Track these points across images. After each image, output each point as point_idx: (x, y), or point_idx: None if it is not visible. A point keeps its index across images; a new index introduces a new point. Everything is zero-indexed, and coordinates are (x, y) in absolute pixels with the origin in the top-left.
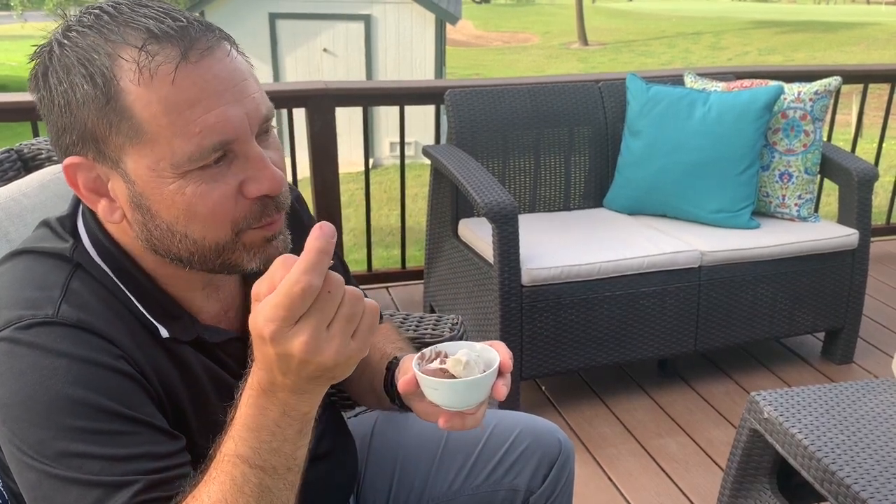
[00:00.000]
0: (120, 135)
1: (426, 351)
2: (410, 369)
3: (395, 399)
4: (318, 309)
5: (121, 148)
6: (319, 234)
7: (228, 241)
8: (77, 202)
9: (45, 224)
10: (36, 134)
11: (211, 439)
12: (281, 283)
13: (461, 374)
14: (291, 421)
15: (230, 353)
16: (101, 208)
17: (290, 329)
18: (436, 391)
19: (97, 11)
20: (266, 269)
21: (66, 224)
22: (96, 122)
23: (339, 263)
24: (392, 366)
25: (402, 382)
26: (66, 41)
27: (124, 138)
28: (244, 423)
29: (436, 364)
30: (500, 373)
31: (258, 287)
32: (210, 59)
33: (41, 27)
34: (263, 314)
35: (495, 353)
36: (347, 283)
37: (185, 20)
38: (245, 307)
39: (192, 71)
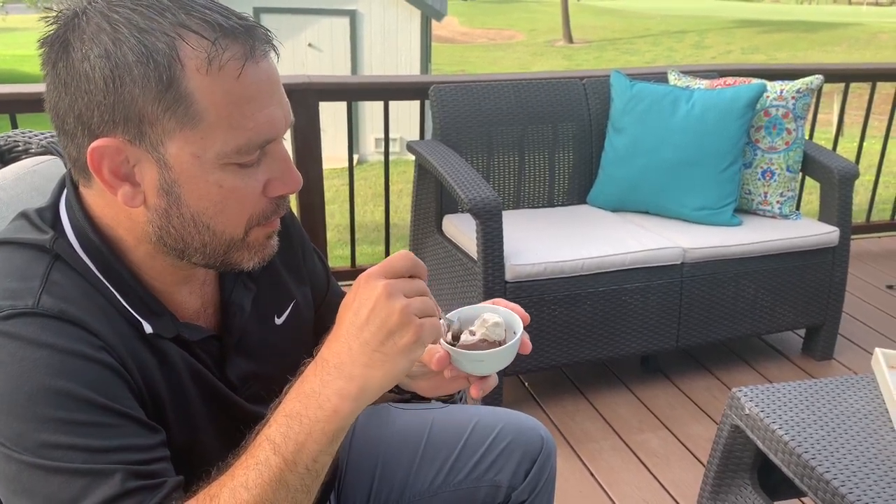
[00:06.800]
0: (173, 119)
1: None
2: (436, 349)
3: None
4: (409, 281)
5: (168, 132)
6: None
7: (239, 238)
8: (59, 193)
9: (23, 216)
10: (14, 126)
11: (189, 433)
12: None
13: (500, 335)
14: (322, 416)
15: (208, 350)
16: (121, 194)
17: (382, 279)
18: (482, 363)
19: None
20: (261, 265)
21: (46, 216)
22: (148, 103)
23: (319, 261)
24: None
25: (436, 362)
26: (115, 15)
27: (176, 123)
28: (283, 407)
29: (471, 338)
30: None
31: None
32: (265, 61)
33: (24, 20)
34: (372, 268)
35: (502, 308)
36: (327, 279)
37: (247, 20)
38: (223, 305)
39: (254, 70)
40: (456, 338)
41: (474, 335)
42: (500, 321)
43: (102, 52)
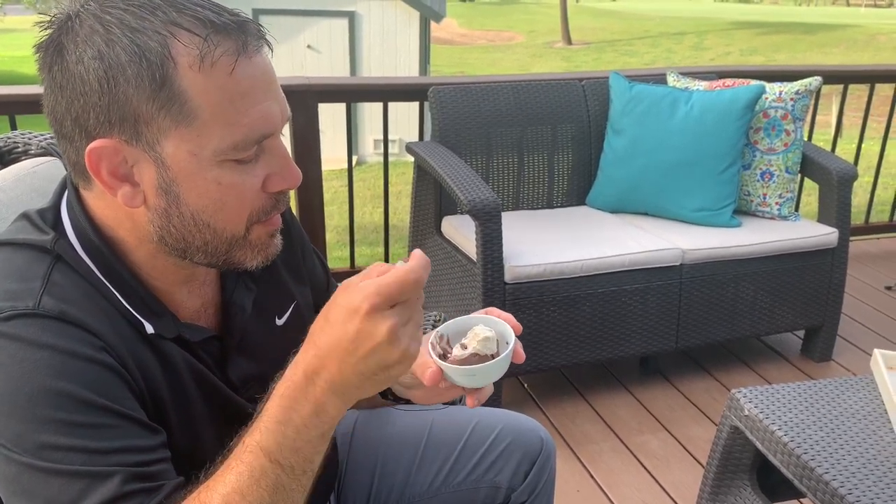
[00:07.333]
0: (168, 117)
1: (432, 341)
2: (428, 364)
3: (387, 395)
4: (409, 306)
5: (164, 131)
6: (420, 254)
7: (240, 235)
8: (60, 194)
9: (25, 216)
10: (14, 127)
11: (190, 434)
12: (394, 270)
13: (492, 349)
14: (318, 422)
15: (209, 351)
16: (121, 194)
17: (386, 310)
18: (474, 377)
19: None
20: (264, 265)
21: (47, 217)
22: (143, 102)
23: (318, 262)
24: None
25: (428, 378)
26: (107, 16)
27: (171, 121)
28: (273, 414)
29: (463, 352)
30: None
31: (352, 279)
32: (259, 55)
33: (22, 21)
34: (365, 291)
35: (492, 318)
36: (327, 280)
37: (239, 16)
38: (224, 306)
39: (247, 65)
40: (447, 351)
41: (466, 349)
42: (492, 335)
43: (96, 53)
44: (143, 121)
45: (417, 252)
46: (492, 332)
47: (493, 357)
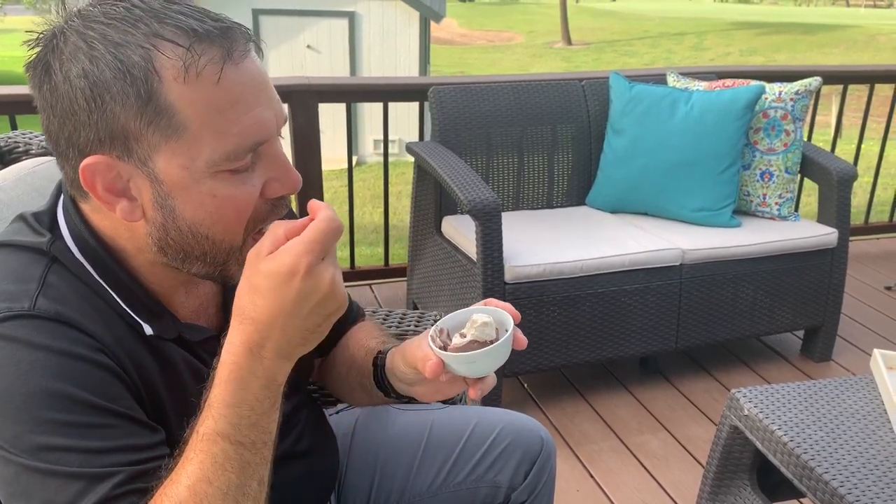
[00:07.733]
0: (157, 132)
1: (432, 334)
2: (429, 356)
3: (390, 392)
4: (334, 253)
5: (154, 146)
6: (319, 202)
7: (237, 245)
8: (56, 197)
9: (21, 219)
10: (14, 127)
11: None
12: (313, 224)
13: (491, 335)
14: (269, 393)
15: (210, 350)
16: (119, 209)
17: (321, 264)
18: (474, 364)
19: (126, 4)
20: None
21: (44, 219)
22: (130, 119)
23: None
24: (379, 360)
25: (429, 370)
26: (90, 32)
27: (161, 136)
28: (223, 399)
29: (461, 340)
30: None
31: (259, 247)
32: (246, 60)
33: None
34: (294, 252)
35: (492, 308)
36: None
37: (223, 21)
38: (223, 305)
39: (234, 72)
40: (447, 344)
41: (465, 337)
42: (490, 320)
43: (80, 71)
44: (133, 137)
45: (316, 202)
46: (489, 317)
47: (492, 343)
